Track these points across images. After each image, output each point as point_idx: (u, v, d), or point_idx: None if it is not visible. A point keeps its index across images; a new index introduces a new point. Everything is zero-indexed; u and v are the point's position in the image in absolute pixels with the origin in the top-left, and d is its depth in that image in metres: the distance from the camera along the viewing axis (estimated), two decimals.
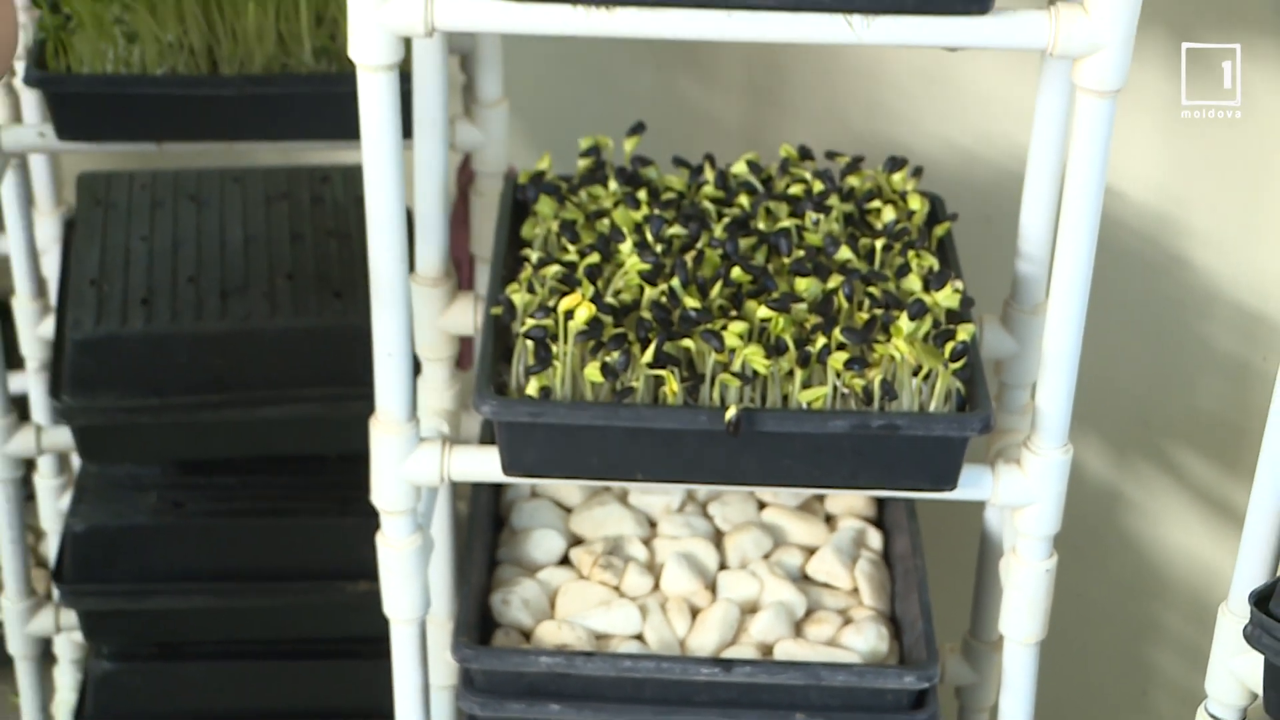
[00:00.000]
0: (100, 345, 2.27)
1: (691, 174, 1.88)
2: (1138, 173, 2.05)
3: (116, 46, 2.13)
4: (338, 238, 2.45)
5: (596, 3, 1.48)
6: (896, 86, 2.27)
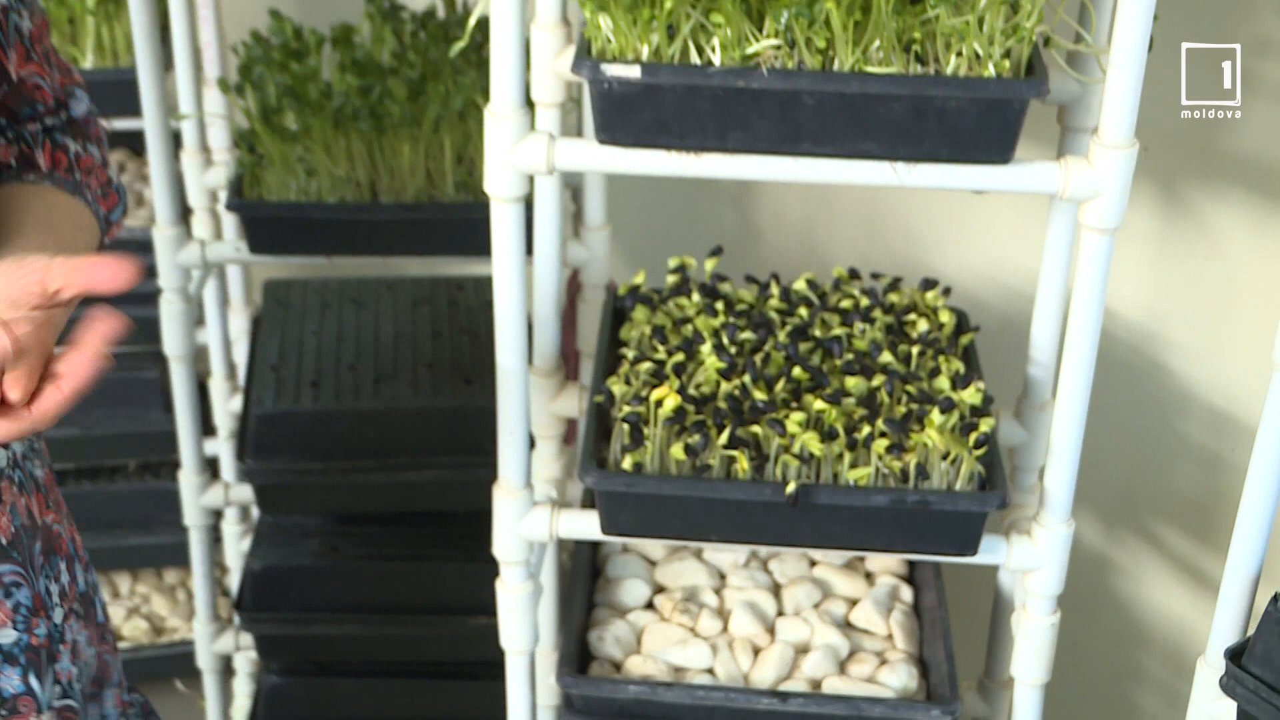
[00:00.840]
0: (277, 419, 2.30)
1: (760, 289, 1.87)
2: (1127, 294, 2.04)
3: (298, 179, 2.16)
4: (469, 335, 2.47)
5: (686, 150, 1.47)
6: (929, 219, 2.26)
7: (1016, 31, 1.46)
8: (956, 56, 1.46)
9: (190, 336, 2.34)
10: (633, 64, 1.45)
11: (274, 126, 2.14)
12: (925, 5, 1.44)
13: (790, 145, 1.49)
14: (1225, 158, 1.91)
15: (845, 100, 1.46)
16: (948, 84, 1.45)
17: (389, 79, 2.14)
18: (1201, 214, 1.98)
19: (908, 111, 1.46)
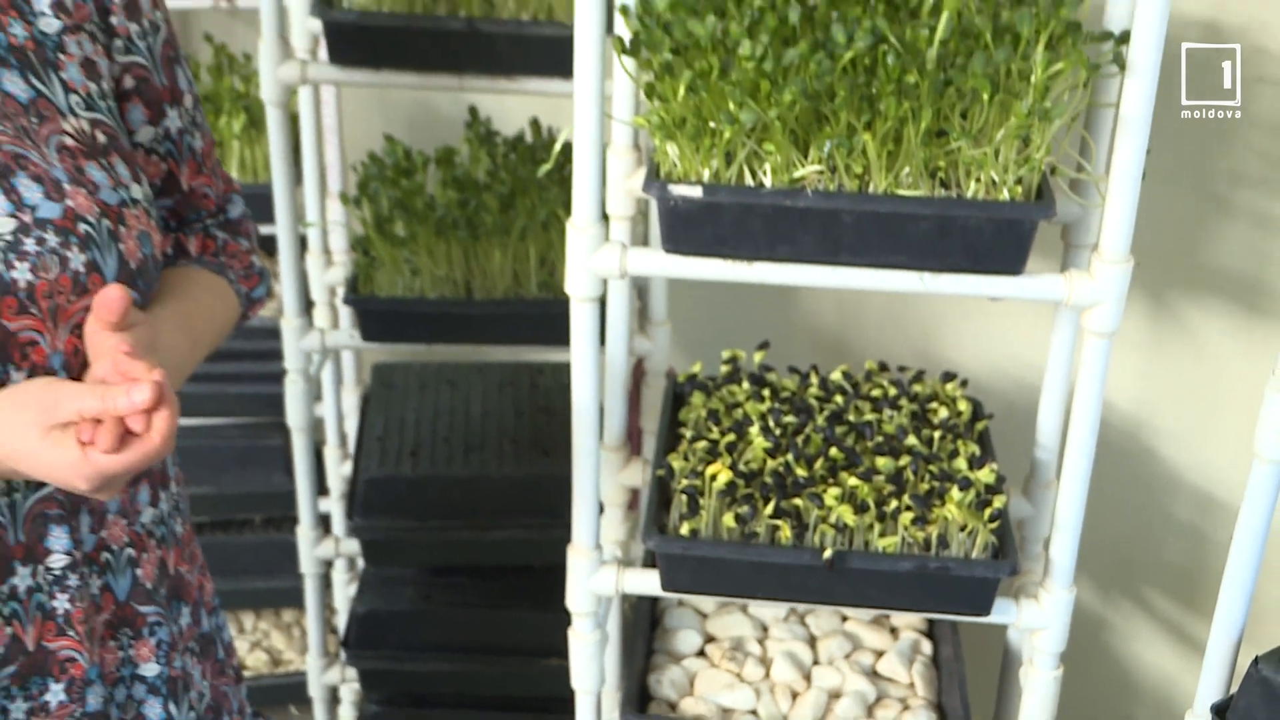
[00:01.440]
0: (381, 483, 2.29)
1: (801, 379, 1.86)
2: (1121, 388, 2.03)
3: (405, 278, 2.17)
4: (546, 413, 2.46)
5: (740, 259, 1.47)
6: (949, 319, 2.24)
7: (1028, 161, 1.45)
8: (975, 182, 1.46)
9: (309, 411, 2.34)
10: (695, 185, 1.46)
11: (385, 233, 2.15)
12: (949, 138, 1.44)
13: (831, 256, 1.49)
14: (1207, 271, 1.90)
15: (879, 218, 1.45)
16: (968, 206, 1.45)
17: (484, 194, 2.15)
18: (1187, 320, 1.97)
19: (933, 229, 1.46)
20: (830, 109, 1.42)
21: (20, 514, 1.27)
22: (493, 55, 2.02)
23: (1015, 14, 1.45)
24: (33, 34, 1.28)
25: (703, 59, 1.43)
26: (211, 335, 1.43)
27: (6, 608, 1.28)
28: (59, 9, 1.29)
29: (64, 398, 1.15)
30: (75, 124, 1.29)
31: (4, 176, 1.22)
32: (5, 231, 1.21)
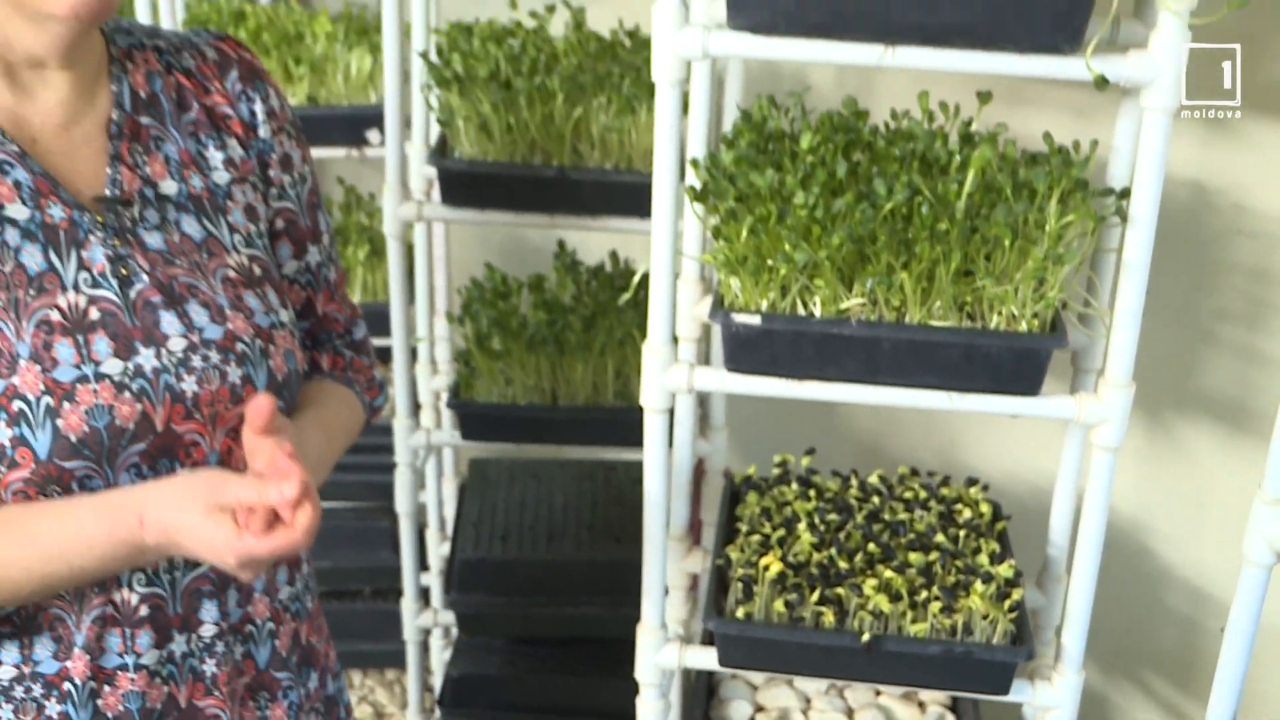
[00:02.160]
0: (475, 563, 2.28)
1: (842, 481, 1.85)
2: (1122, 493, 1.99)
3: (500, 386, 2.17)
4: (619, 505, 2.45)
5: (792, 378, 1.48)
6: (972, 430, 2.22)
7: (1043, 298, 1.45)
8: (998, 315, 1.46)
9: (415, 498, 2.34)
10: (755, 314, 1.46)
11: (484, 348, 2.15)
12: (975, 277, 1.44)
13: (871, 377, 1.49)
14: (1198, 395, 1.88)
15: (914, 346, 1.45)
16: (992, 336, 1.45)
17: (569, 315, 2.16)
18: (1180, 437, 1.94)
19: (961, 355, 1.45)
20: (872, 251, 1.43)
21: (179, 589, 1.28)
22: (579, 198, 2.04)
23: (1032, 172, 1.45)
24: (208, 185, 1.31)
25: (762, 206, 1.44)
26: (343, 438, 1.44)
27: (164, 669, 1.29)
28: (229, 164, 1.32)
29: (228, 484, 1.16)
30: (237, 259, 1.31)
31: (179, 303, 1.24)
32: (178, 350, 1.23)
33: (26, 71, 1.22)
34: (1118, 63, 1.38)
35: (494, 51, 2.08)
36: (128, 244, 1.24)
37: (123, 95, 1.28)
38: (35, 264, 1.20)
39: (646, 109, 1.98)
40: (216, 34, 1.38)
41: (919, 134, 1.57)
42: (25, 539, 1.17)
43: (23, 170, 1.20)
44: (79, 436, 1.18)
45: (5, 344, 1.17)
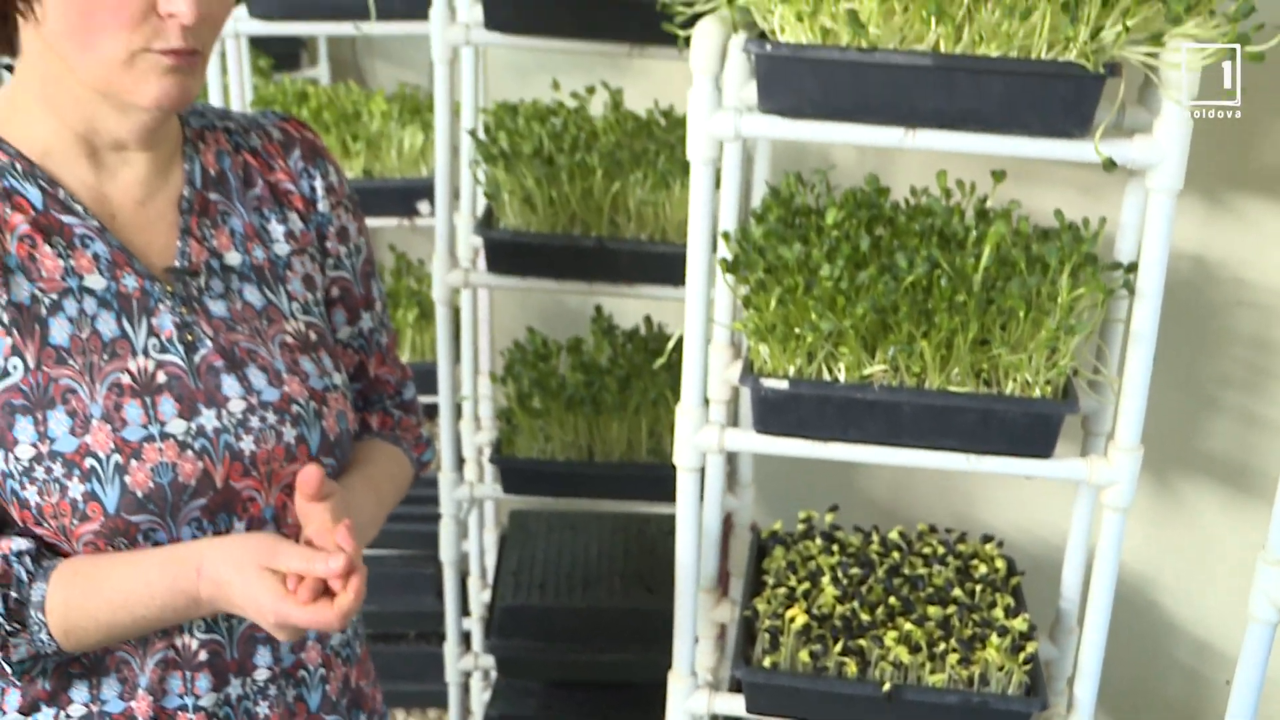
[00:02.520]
0: (514, 610, 2.28)
1: (864, 537, 1.83)
2: (1131, 548, 1.98)
3: (539, 443, 2.18)
4: (651, 556, 2.43)
5: (818, 439, 1.47)
6: (988, 489, 2.21)
7: (1056, 366, 1.45)
8: (1013, 382, 1.46)
9: (458, 547, 2.33)
10: (783, 380, 1.47)
11: (525, 406, 2.16)
12: (991, 346, 1.44)
13: (893, 439, 1.48)
14: (1202, 457, 1.87)
15: (933, 410, 1.45)
16: (1007, 402, 1.45)
17: (605, 376, 2.16)
18: (1185, 497, 1.93)
19: (978, 420, 1.45)
20: (894, 320, 1.43)
21: (235, 636, 1.28)
22: (616, 266, 2.05)
23: (1044, 247, 1.46)
24: (269, 256, 1.32)
25: (790, 277, 1.45)
26: (392, 495, 1.44)
27: (221, 711, 1.29)
28: (290, 237, 1.34)
29: (281, 550, 1.17)
30: (294, 325, 1.32)
31: (240, 367, 1.26)
32: (237, 411, 1.24)
33: (109, 152, 1.24)
34: (1125, 146, 1.38)
35: (537, 129, 2.10)
36: (194, 312, 1.26)
37: (194, 173, 1.30)
38: (109, 330, 1.21)
39: (680, 184, 2.00)
40: (281, 115, 1.40)
41: (937, 210, 1.58)
42: (93, 588, 1.18)
43: (101, 244, 1.22)
44: (145, 492, 1.19)
45: (80, 405, 1.18)
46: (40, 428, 1.17)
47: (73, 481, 1.17)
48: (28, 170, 1.21)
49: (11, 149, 1.21)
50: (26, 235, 1.19)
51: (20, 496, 1.18)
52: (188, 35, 1.17)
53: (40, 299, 1.19)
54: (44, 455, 1.17)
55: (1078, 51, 1.34)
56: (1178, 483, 1.93)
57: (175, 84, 1.19)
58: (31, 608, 1.17)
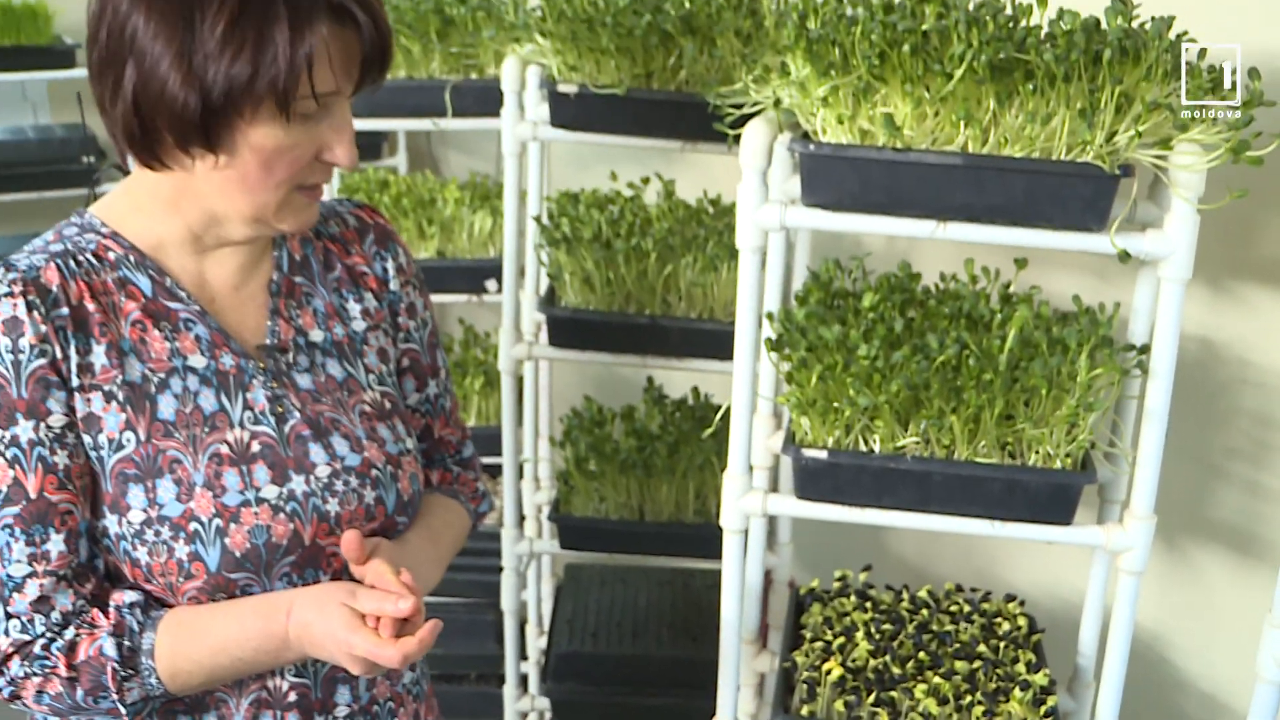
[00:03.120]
0: (569, 656, 2.28)
1: (895, 595, 1.81)
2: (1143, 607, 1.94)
3: (594, 502, 2.18)
4: (696, 608, 2.42)
5: (853, 506, 1.46)
6: (1011, 551, 2.18)
7: (1075, 440, 1.44)
8: (1035, 454, 1.45)
9: (517, 597, 2.33)
10: (822, 450, 1.46)
11: (581, 469, 2.16)
12: (1016, 420, 1.44)
13: (923, 506, 1.48)
14: (1209, 524, 1.85)
15: (961, 480, 1.45)
16: (1030, 473, 1.44)
17: (655, 442, 2.16)
18: (1194, 560, 1.91)
19: (1003, 489, 1.45)
20: (926, 397, 1.43)
21: (320, 677, 1.30)
22: (667, 341, 2.06)
23: (1065, 331, 1.46)
24: (348, 332, 1.34)
25: (830, 356, 1.45)
26: (451, 544, 1.45)
27: None
28: (365, 314, 1.36)
29: (359, 592, 1.19)
30: (371, 395, 1.33)
31: (326, 435, 1.27)
32: (323, 476, 1.26)
33: (214, 246, 1.27)
34: (1138, 239, 1.39)
35: (597, 216, 2.12)
36: (283, 385, 1.28)
37: (282, 259, 1.32)
38: (210, 405, 1.23)
39: (726, 267, 2.01)
40: (356, 203, 1.43)
41: (965, 294, 1.58)
42: (196, 636, 1.20)
43: (202, 326, 1.25)
44: (242, 552, 1.21)
45: (185, 474, 1.20)
46: (150, 494, 1.20)
47: (179, 543, 1.19)
48: (140, 261, 1.24)
49: (127, 242, 1.24)
50: (138, 320, 1.22)
51: (132, 556, 1.20)
52: (330, 173, 1.23)
53: (150, 378, 1.21)
54: (153, 520, 1.19)
55: (1094, 153, 1.35)
56: (1188, 547, 1.90)
57: (312, 215, 1.25)
58: (143, 654, 1.19)
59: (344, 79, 1.18)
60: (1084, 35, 1.33)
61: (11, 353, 1.15)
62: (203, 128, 1.14)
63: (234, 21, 1.11)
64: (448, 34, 2.40)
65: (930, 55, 1.35)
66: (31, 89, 3.87)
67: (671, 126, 1.93)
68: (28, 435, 1.16)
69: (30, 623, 1.18)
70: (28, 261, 1.19)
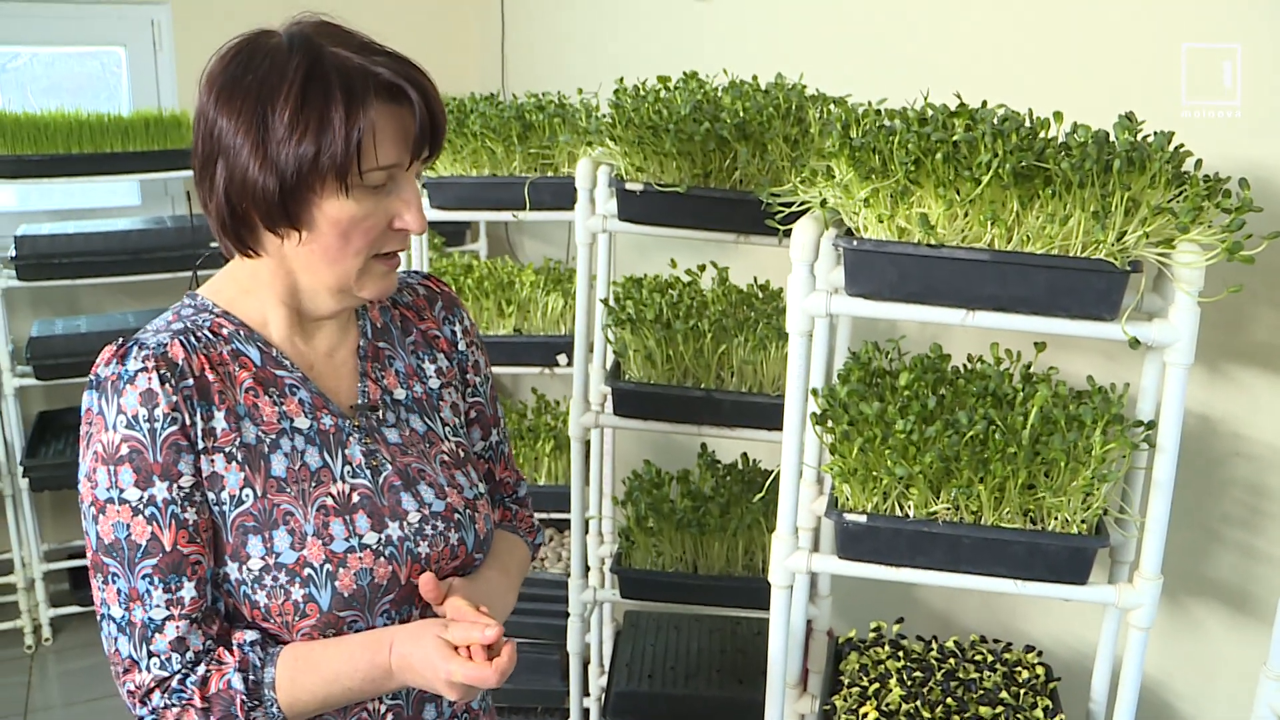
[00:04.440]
0: (627, 695, 2.27)
1: (925, 645, 1.80)
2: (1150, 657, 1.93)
3: (652, 557, 2.18)
4: (743, 654, 2.40)
5: (890, 565, 1.46)
6: (1031, 605, 2.16)
7: (1090, 507, 1.44)
8: (1054, 520, 1.45)
9: (581, 640, 2.34)
10: (862, 514, 1.47)
11: (641, 526, 2.17)
12: (1037, 490, 1.44)
13: (953, 566, 1.47)
14: (1208, 582, 1.83)
15: (987, 543, 1.45)
16: (1050, 537, 1.44)
17: (709, 503, 2.17)
18: (1194, 615, 1.89)
19: (1025, 551, 1.44)
20: (956, 467, 1.44)
21: (411, 696, 1.33)
22: (721, 412, 2.07)
23: (1081, 409, 1.46)
24: (426, 390, 1.38)
25: (870, 430, 1.46)
26: (518, 573, 1.48)
27: None
28: (439, 373, 1.40)
29: (451, 624, 1.22)
30: (448, 446, 1.37)
31: (414, 485, 1.31)
32: (414, 521, 1.29)
33: (310, 320, 1.32)
34: (1145, 328, 1.40)
35: (658, 299, 2.15)
36: (375, 441, 1.31)
37: (366, 328, 1.37)
38: (315, 462, 1.27)
39: (774, 346, 2.03)
40: (423, 274, 1.48)
41: (991, 374, 1.59)
42: (311, 668, 1.23)
43: (304, 391, 1.29)
44: (350, 593, 1.24)
45: (297, 525, 1.24)
46: (267, 544, 1.23)
47: (295, 587, 1.23)
48: (249, 335, 1.28)
49: (238, 319, 1.28)
50: (250, 387, 1.26)
51: (252, 599, 1.23)
52: (406, 241, 1.26)
53: (263, 439, 1.25)
54: (271, 566, 1.22)
55: (1106, 251, 1.37)
56: (1189, 604, 1.88)
57: (391, 283, 1.28)
58: (265, 686, 1.22)
59: (400, 151, 1.21)
60: (1096, 147, 1.35)
61: (148, 421, 1.18)
62: (283, 206, 1.19)
63: (298, 109, 1.16)
64: (527, 137, 2.45)
65: (960, 163, 1.38)
66: (171, 186, 4.02)
67: (727, 221, 1.96)
68: (163, 495, 1.19)
69: (168, 660, 1.21)
70: (155, 339, 1.23)
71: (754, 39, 2.61)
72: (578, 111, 2.45)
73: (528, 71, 3.90)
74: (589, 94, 2.52)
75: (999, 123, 1.40)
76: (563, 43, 3.62)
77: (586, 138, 2.18)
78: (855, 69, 2.27)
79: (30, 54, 4.02)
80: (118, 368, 1.19)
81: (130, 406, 1.18)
